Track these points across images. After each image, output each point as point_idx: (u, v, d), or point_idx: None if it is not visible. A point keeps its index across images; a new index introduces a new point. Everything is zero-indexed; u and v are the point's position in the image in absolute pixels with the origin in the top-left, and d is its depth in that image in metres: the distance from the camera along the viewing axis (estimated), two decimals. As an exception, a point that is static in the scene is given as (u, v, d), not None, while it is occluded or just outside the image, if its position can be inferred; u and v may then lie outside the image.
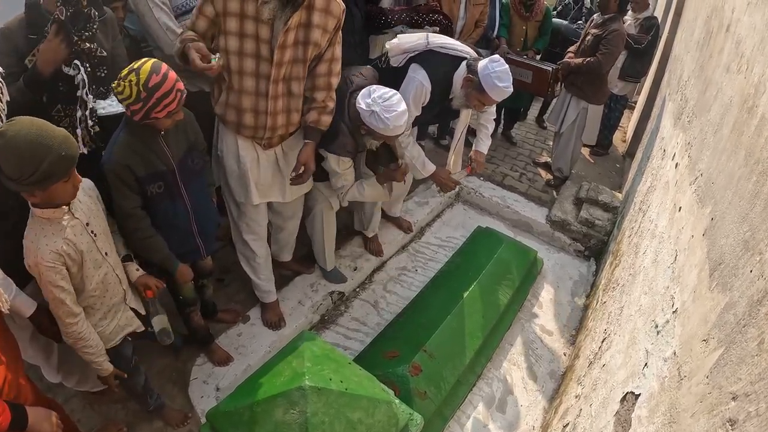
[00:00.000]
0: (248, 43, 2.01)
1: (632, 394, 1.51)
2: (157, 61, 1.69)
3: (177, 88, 1.70)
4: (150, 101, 1.65)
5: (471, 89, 2.61)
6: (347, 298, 3.21)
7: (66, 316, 1.61)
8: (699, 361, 1.13)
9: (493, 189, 4.42)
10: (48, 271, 1.51)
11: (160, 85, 1.65)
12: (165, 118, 1.73)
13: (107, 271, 1.73)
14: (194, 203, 2.07)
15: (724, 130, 1.56)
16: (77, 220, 1.60)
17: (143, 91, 1.63)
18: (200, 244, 2.19)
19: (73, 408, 2.32)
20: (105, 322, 1.79)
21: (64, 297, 1.58)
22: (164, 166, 1.89)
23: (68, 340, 1.68)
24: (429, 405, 2.33)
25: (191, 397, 2.42)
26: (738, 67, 1.62)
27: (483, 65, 2.54)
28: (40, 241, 1.50)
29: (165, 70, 1.67)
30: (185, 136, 1.99)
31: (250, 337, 2.72)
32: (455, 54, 2.67)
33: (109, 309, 1.79)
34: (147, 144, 1.82)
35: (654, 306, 1.67)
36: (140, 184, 1.84)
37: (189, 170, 2.01)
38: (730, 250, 1.16)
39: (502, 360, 2.92)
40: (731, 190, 1.29)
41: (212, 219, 2.27)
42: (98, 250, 1.68)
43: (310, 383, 1.56)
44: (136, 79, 1.62)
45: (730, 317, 1.05)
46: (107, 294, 1.76)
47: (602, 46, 3.90)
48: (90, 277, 1.66)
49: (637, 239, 2.54)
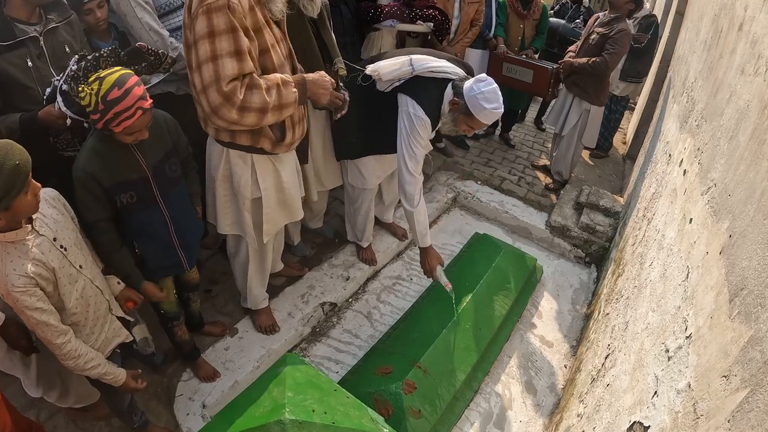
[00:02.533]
0: (281, 49, 1.94)
1: (641, 425, 1.39)
2: (126, 74, 1.59)
3: (138, 106, 1.59)
4: (107, 115, 1.56)
5: (458, 113, 2.45)
6: (339, 309, 3.10)
7: (55, 338, 1.50)
8: (719, 400, 1.01)
9: (490, 193, 4.30)
10: (22, 296, 1.41)
11: (119, 101, 1.55)
12: (123, 134, 1.63)
13: (85, 284, 1.62)
14: (174, 213, 1.94)
15: (740, 138, 1.44)
16: (43, 236, 1.49)
17: (101, 103, 1.55)
18: (182, 257, 2.07)
19: (56, 425, 2.24)
20: (93, 337, 1.69)
21: (47, 318, 1.47)
22: (136, 174, 1.77)
23: (68, 363, 1.58)
24: (424, 424, 2.22)
25: (176, 414, 2.31)
26: (755, 69, 1.50)
27: (468, 86, 2.38)
28: (7, 267, 1.40)
29: (130, 86, 1.57)
30: (161, 141, 1.86)
31: (237, 351, 2.61)
32: (442, 76, 2.48)
33: (95, 323, 1.68)
34: (116, 151, 1.71)
35: (664, 327, 1.55)
36: (108, 194, 1.73)
37: (166, 178, 1.89)
38: (754, 274, 1.04)
39: (501, 373, 2.80)
40: (753, 206, 1.17)
41: (195, 230, 2.16)
42: (71, 265, 1.57)
43: (290, 416, 1.44)
44: (97, 88, 1.55)
45: (756, 354, 0.93)
46: (90, 308, 1.65)
47: (609, 46, 3.77)
48: (68, 294, 1.55)
49: (641, 249, 2.43)
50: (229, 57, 1.69)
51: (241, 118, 1.77)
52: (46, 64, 1.91)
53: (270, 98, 1.79)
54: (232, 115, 1.75)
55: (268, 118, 1.83)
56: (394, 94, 2.54)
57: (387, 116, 2.58)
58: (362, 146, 2.82)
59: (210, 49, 1.69)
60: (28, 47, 1.87)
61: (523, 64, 4.31)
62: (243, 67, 1.72)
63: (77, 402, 2.12)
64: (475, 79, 2.39)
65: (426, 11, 3.40)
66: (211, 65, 1.70)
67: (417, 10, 3.38)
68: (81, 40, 2.08)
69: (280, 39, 1.95)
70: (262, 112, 1.79)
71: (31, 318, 1.45)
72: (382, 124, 2.63)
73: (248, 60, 1.73)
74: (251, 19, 1.76)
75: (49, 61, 1.92)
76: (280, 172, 2.22)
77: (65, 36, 1.95)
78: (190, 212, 2.10)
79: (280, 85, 1.83)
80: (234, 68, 1.70)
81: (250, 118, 1.78)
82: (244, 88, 1.74)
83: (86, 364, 1.60)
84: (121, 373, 1.73)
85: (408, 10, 3.34)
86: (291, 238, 3.25)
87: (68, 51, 1.97)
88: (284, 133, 2.06)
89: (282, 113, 1.88)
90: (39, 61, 1.89)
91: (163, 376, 2.47)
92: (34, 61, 1.88)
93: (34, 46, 1.88)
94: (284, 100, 1.84)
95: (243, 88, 1.73)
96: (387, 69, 2.44)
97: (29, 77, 1.87)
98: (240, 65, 1.71)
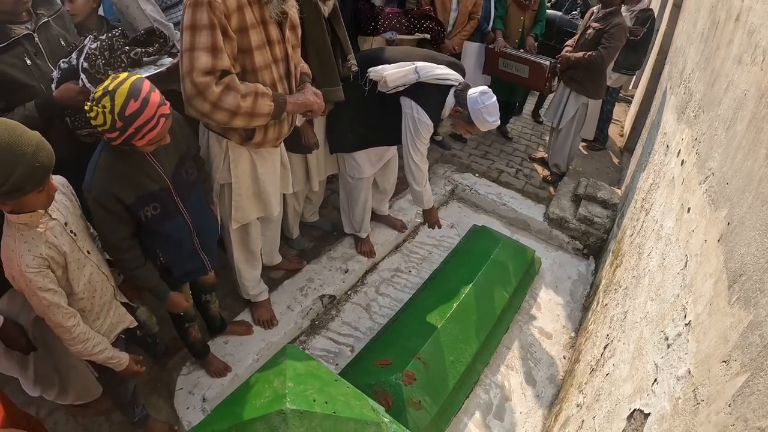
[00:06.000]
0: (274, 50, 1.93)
1: (641, 413, 1.40)
2: (138, 80, 1.46)
3: (160, 114, 1.49)
4: (127, 131, 1.45)
5: (459, 120, 2.66)
6: (338, 301, 3.10)
7: (66, 320, 1.50)
8: (719, 385, 1.02)
9: (488, 186, 4.31)
10: (35, 276, 1.40)
11: (139, 114, 1.43)
12: (147, 145, 1.55)
13: (92, 270, 1.62)
14: (195, 217, 1.89)
15: (738, 126, 1.45)
16: (55, 220, 1.48)
17: (119, 121, 1.42)
18: (204, 259, 2.04)
19: (57, 421, 2.24)
20: (98, 323, 1.67)
21: (58, 300, 1.47)
22: (157, 184, 1.70)
23: (77, 347, 1.56)
24: (423, 415, 2.23)
25: (176, 408, 2.31)
26: (752, 58, 1.50)
27: (473, 99, 2.58)
28: (21, 248, 1.39)
29: (145, 93, 1.45)
30: (175, 144, 1.76)
31: (237, 344, 2.61)
32: (444, 83, 2.66)
33: (101, 308, 1.68)
34: (133, 164, 1.62)
35: (663, 315, 1.56)
36: (131, 211, 1.65)
37: (185, 183, 1.83)
38: (753, 260, 1.05)
39: (500, 365, 2.81)
40: (751, 193, 1.18)
41: (213, 230, 2.13)
42: (80, 250, 1.57)
43: (291, 406, 1.44)
44: (110, 105, 1.40)
45: (756, 339, 0.94)
46: (96, 294, 1.64)
47: (605, 40, 3.78)
48: (76, 279, 1.54)
49: (639, 239, 2.44)
50: (205, 51, 1.70)
51: (211, 112, 1.78)
52: (44, 60, 1.89)
53: (244, 104, 1.80)
54: (204, 107, 1.76)
55: (237, 120, 1.84)
56: (395, 96, 2.65)
57: (387, 115, 2.71)
58: (358, 141, 2.88)
59: (189, 41, 1.70)
60: (24, 46, 1.83)
61: (520, 60, 4.30)
62: (216, 63, 1.72)
63: (77, 399, 2.13)
64: (480, 92, 2.58)
65: (424, 23, 3.51)
66: (188, 56, 1.71)
67: (415, 20, 3.48)
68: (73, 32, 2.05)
69: (277, 40, 1.93)
70: (233, 114, 1.80)
71: (43, 299, 1.43)
72: (383, 122, 2.75)
73: (224, 58, 1.74)
74: (237, 18, 1.76)
75: (46, 57, 1.89)
76: (256, 163, 2.20)
77: (58, 29, 1.92)
78: (207, 213, 2.06)
79: (258, 94, 1.84)
80: (207, 63, 1.71)
81: (220, 115, 1.79)
82: (223, 87, 1.75)
83: (94, 348, 1.60)
84: (124, 357, 1.72)
85: (406, 21, 3.43)
86: (290, 231, 3.25)
87: (63, 44, 1.94)
88: (252, 133, 2.05)
89: (252, 121, 1.88)
90: (37, 58, 1.87)
91: (163, 370, 2.47)
92: (32, 59, 1.85)
93: (30, 44, 1.86)
94: (257, 110, 1.86)
95: (221, 86, 1.75)
96: (393, 77, 2.56)
97: (30, 76, 1.83)
98: (214, 61, 1.71)
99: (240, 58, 1.84)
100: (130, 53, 1.84)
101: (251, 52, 1.84)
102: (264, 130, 2.07)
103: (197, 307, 2.32)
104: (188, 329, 2.26)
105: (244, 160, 2.17)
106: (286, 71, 2.04)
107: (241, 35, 1.80)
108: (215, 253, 2.15)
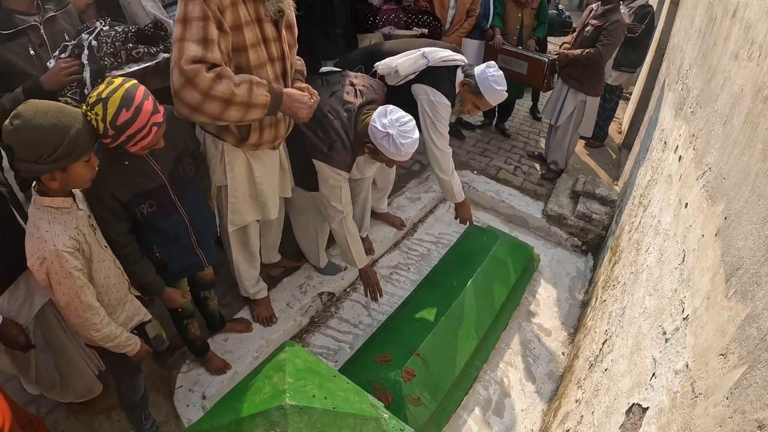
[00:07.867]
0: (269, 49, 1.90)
1: (639, 407, 1.41)
2: (132, 87, 1.44)
3: (152, 123, 1.47)
4: (119, 138, 1.45)
5: (467, 92, 2.67)
6: (337, 299, 3.10)
7: (95, 301, 1.52)
8: (717, 378, 1.03)
9: (487, 183, 4.31)
10: (70, 256, 1.41)
11: (131, 123, 1.43)
12: (140, 150, 1.55)
13: (110, 265, 1.63)
14: (192, 215, 1.90)
15: (734, 122, 1.46)
16: (81, 211, 1.51)
17: (110, 129, 1.42)
18: (201, 255, 2.04)
19: (57, 419, 2.23)
20: (114, 316, 1.68)
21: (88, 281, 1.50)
22: (154, 182, 1.70)
23: (103, 331, 1.57)
24: (423, 411, 2.24)
25: (176, 405, 2.31)
26: (749, 54, 1.51)
27: (480, 70, 2.63)
28: (56, 228, 1.40)
29: (138, 102, 1.43)
30: (172, 142, 1.75)
31: (236, 341, 2.61)
32: (452, 64, 2.70)
33: (117, 302, 1.69)
34: (129, 163, 1.62)
35: (661, 310, 1.57)
36: (127, 208, 1.67)
37: (182, 180, 1.82)
38: (749, 254, 1.06)
39: (499, 361, 2.82)
40: (747, 188, 1.19)
41: (210, 227, 2.13)
42: (98, 243, 1.58)
43: (290, 401, 1.45)
44: (102, 113, 1.39)
45: (753, 331, 0.94)
46: (113, 288, 1.65)
47: (603, 37, 3.79)
48: (97, 272, 1.56)
49: (638, 235, 2.44)
50: (195, 42, 1.65)
51: (202, 103, 1.69)
52: (47, 52, 1.93)
53: (238, 91, 1.72)
54: (195, 97, 1.67)
55: (231, 112, 1.75)
56: (406, 87, 2.67)
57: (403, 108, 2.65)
58: None
59: (180, 32, 1.66)
60: (29, 36, 1.88)
61: (519, 56, 4.30)
62: (206, 55, 1.67)
63: (77, 397, 2.14)
64: (486, 65, 2.65)
65: (421, 17, 3.53)
66: (177, 47, 1.67)
67: (412, 15, 3.50)
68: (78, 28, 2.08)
69: (273, 39, 1.89)
70: (227, 103, 1.72)
71: (78, 279, 1.43)
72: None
73: (215, 50, 1.69)
74: (231, 14, 1.72)
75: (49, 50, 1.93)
76: (252, 166, 2.18)
77: (64, 24, 1.97)
78: (205, 210, 2.06)
79: (253, 83, 1.78)
80: (197, 52, 1.65)
81: (212, 106, 1.70)
82: (214, 75, 1.68)
83: (116, 329, 1.61)
84: (137, 341, 1.74)
85: (404, 16, 3.44)
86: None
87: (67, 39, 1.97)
88: (247, 134, 2.01)
89: (248, 113, 1.80)
90: (40, 49, 1.92)
91: (162, 367, 2.47)
92: (35, 50, 1.90)
93: (35, 34, 1.90)
94: (253, 100, 1.77)
95: (213, 74, 1.68)
96: (404, 65, 2.58)
97: (31, 65, 1.88)
98: (204, 52, 1.66)
99: (234, 57, 1.81)
100: (132, 51, 1.84)
101: (246, 50, 1.81)
102: (259, 131, 2.02)
103: (196, 304, 2.32)
104: (187, 326, 2.26)
105: (240, 162, 2.14)
106: (282, 71, 2.00)
107: (236, 32, 1.77)
108: (212, 250, 2.15)
